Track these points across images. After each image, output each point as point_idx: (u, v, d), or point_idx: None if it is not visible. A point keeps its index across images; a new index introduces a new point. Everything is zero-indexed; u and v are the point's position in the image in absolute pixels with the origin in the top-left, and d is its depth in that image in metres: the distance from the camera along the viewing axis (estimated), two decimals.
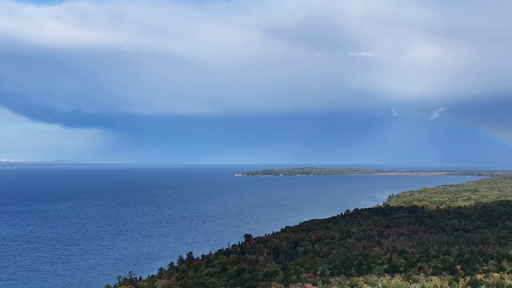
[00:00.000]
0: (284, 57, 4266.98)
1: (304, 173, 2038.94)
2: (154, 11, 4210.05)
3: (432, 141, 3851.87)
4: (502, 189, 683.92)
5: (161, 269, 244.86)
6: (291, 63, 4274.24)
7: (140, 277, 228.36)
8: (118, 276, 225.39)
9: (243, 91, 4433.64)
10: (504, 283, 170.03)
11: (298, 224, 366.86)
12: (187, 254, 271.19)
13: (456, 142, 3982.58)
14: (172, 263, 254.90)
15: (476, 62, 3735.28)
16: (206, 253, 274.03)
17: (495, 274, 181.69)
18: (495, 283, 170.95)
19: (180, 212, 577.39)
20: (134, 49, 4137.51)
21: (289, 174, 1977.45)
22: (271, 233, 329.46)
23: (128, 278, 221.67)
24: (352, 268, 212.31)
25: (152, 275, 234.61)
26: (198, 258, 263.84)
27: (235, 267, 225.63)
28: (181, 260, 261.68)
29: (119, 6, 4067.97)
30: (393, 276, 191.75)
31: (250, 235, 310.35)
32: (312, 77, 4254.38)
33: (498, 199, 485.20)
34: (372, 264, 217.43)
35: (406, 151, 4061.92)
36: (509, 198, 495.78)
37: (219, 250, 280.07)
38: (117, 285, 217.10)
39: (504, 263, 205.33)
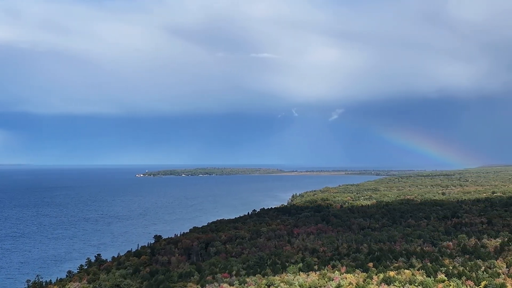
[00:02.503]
0: (186, 57, 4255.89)
1: (207, 173, 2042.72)
2: (52, 8, 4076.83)
3: (332, 141, 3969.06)
4: (400, 188, 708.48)
5: (69, 272, 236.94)
6: (193, 63, 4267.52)
7: (50, 280, 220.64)
8: (27, 280, 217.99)
9: (144, 91, 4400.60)
10: (416, 279, 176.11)
11: (206, 224, 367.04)
12: (95, 256, 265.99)
13: (355, 142, 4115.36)
14: (81, 265, 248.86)
15: (374, 65, 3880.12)
16: (115, 255, 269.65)
17: (406, 271, 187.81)
18: (408, 280, 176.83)
19: (84, 213, 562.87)
20: (32, 47, 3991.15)
21: (192, 175, 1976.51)
22: (180, 233, 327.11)
23: (37, 281, 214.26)
24: (267, 267, 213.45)
25: (61, 278, 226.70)
26: (107, 260, 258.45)
27: (148, 269, 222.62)
28: (89, 262, 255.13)
29: (14, 2, 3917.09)
30: (308, 275, 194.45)
31: (160, 236, 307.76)
32: (214, 77, 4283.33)
33: (398, 198, 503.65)
34: (286, 263, 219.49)
35: (307, 151, 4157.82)
36: (408, 197, 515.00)
37: (128, 251, 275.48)
38: None
39: (413, 260, 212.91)
